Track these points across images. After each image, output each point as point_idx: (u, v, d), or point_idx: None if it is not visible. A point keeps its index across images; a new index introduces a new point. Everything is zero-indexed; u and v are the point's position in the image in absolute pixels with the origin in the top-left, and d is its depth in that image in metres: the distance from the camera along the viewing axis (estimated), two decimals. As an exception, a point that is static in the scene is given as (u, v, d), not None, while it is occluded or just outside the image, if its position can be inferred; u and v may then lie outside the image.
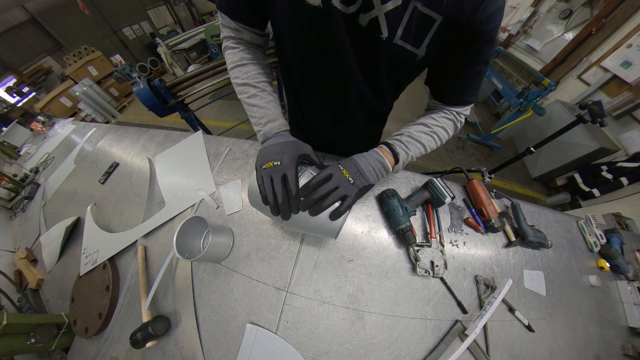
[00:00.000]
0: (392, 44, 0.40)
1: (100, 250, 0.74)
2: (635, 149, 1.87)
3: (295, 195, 0.41)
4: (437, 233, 0.64)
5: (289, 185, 0.41)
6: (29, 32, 4.40)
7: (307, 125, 0.79)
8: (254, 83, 0.51)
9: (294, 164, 0.43)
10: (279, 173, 0.42)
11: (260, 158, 0.45)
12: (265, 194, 0.42)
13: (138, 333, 0.54)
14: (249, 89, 0.51)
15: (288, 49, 0.51)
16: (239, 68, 0.52)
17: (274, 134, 0.50)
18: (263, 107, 0.51)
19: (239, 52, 0.52)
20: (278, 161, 0.42)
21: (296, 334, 0.53)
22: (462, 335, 0.53)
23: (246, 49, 0.53)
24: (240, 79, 0.51)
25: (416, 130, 0.52)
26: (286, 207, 0.41)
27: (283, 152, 0.44)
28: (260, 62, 0.54)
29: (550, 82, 2.09)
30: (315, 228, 0.47)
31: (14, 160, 1.54)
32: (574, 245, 0.73)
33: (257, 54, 0.55)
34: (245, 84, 0.51)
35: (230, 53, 0.52)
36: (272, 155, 0.44)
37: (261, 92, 0.51)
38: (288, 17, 0.44)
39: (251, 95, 0.51)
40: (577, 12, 2.54)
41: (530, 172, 2.50)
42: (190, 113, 1.73)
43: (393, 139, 0.53)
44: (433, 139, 0.52)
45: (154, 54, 4.74)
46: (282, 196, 0.41)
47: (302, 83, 0.59)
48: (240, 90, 0.52)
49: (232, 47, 0.52)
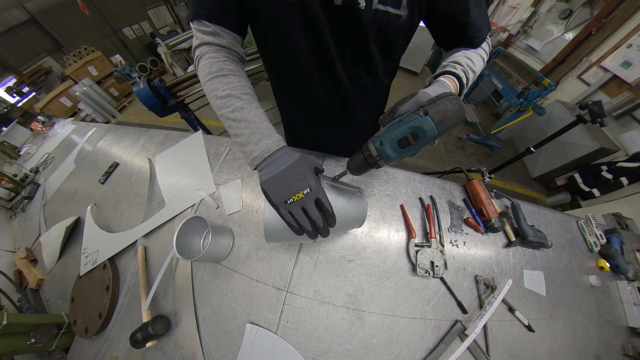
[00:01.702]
0: (373, 10, 0.40)
1: (100, 250, 0.73)
2: (635, 149, 1.87)
3: (332, 213, 0.38)
4: (437, 233, 0.64)
5: (325, 207, 0.38)
6: (29, 32, 4.40)
7: (303, 126, 0.78)
8: (238, 94, 0.44)
9: (320, 184, 0.39)
10: (311, 199, 0.37)
11: (276, 191, 0.38)
12: (299, 226, 0.38)
13: (138, 333, 0.54)
14: (232, 101, 0.43)
15: (274, 48, 0.50)
16: (220, 79, 0.44)
17: (274, 152, 0.41)
18: (253, 121, 0.43)
19: (218, 62, 0.45)
20: (307, 188, 0.37)
21: (296, 334, 0.53)
22: (462, 335, 0.53)
23: (227, 60, 0.46)
24: (220, 90, 0.43)
25: (464, 57, 0.47)
26: (326, 229, 0.39)
27: (304, 176, 0.39)
28: (243, 76, 0.47)
29: (550, 82, 2.09)
30: (345, 227, 0.50)
31: (14, 160, 1.54)
32: (574, 245, 0.73)
33: (239, 66, 0.48)
34: (227, 96, 0.43)
35: (207, 63, 0.45)
36: (295, 184, 0.38)
37: (248, 104, 0.43)
38: (269, 14, 0.44)
39: (235, 108, 0.43)
40: (577, 12, 2.54)
41: (530, 172, 2.50)
42: (190, 113, 1.73)
43: (450, 67, 0.46)
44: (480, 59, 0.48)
45: (154, 54, 4.74)
46: (322, 221, 0.38)
47: (293, 81, 0.58)
48: (220, 104, 0.44)
49: (210, 56, 0.45)
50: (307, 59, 0.50)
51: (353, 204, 0.49)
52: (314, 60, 0.50)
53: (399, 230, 0.66)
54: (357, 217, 0.51)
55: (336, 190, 0.48)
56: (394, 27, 0.43)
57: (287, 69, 0.56)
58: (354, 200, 0.49)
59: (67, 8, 4.56)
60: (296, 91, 0.63)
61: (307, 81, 0.57)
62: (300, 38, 0.46)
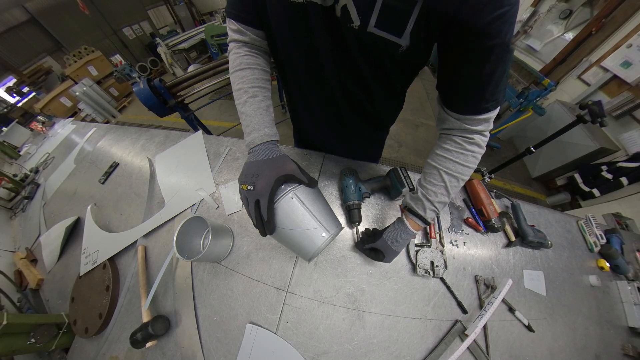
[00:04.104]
0: (367, 32, 0.37)
1: (100, 250, 0.73)
2: (635, 149, 1.87)
3: (267, 221, 0.42)
4: (437, 233, 0.64)
5: (260, 212, 0.42)
6: (29, 32, 4.39)
7: (304, 124, 0.78)
8: (246, 88, 0.49)
9: (267, 191, 0.42)
10: (252, 198, 0.42)
11: (242, 174, 0.45)
12: (246, 208, 0.44)
13: (138, 333, 0.54)
14: (241, 95, 0.49)
15: (280, 48, 0.50)
16: (237, 73, 0.50)
17: (256, 145, 0.46)
18: (250, 114, 0.48)
19: (239, 57, 0.50)
20: (251, 186, 0.42)
21: (296, 334, 0.53)
22: (462, 335, 0.53)
23: (247, 54, 0.50)
24: (236, 84, 0.50)
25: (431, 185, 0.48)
26: (261, 228, 0.43)
27: (258, 175, 0.43)
28: (259, 67, 0.51)
29: (550, 82, 2.09)
30: (290, 246, 0.47)
31: (14, 160, 1.54)
32: (574, 245, 0.73)
33: (259, 58, 0.52)
34: (239, 89, 0.49)
35: (232, 59, 0.51)
36: (248, 178, 0.43)
37: (252, 98, 0.48)
38: (276, 15, 0.43)
39: (242, 102, 0.49)
40: (577, 12, 2.53)
41: (530, 172, 2.49)
42: (190, 113, 1.73)
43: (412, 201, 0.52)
44: (455, 180, 0.47)
45: (154, 54, 4.74)
46: (255, 219, 0.42)
47: (295, 81, 0.58)
48: (235, 95, 0.50)
49: (234, 52, 0.50)
50: (305, 67, 0.51)
51: (305, 236, 0.44)
52: (312, 68, 0.50)
53: (399, 230, 0.66)
54: (304, 247, 0.45)
55: (303, 212, 0.44)
56: (391, 54, 0.39)
57: (291, 72, 0.56)
58: (310, 233, 0.44)
59: (67, 8, 4.56)
60: (297, 96, 0.64)
61: (302, 87, 0.58)
62: (301, 44, 0.46)
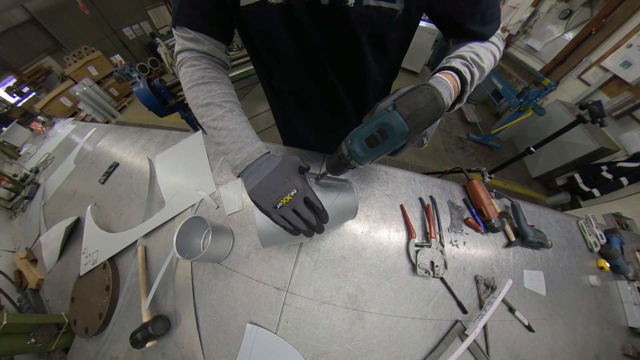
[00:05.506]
0: (364, 7, 0.37)
1: (100, 250, 0.73)
2: (635, 149, 1.87)
3: (323, 209, 0.39)
4: (437, 233, 0.64)
5: (315, 204, 0.38)
6: (29, 32, 4.40)
7: (297, 127, 0.77)
8: (219, 102, 0.43)
9: (306, 183, 0.40)
10: (300, 199, 0.38)
11: (264, 198, 0.38)
12: (294, 227, 0.38)
13: (138, 333, 0.54)
14: (213, 109, 0.43)
15: (263, 53, 0.49)
16: (200, 87, 0.43)
17: (256, 159, 0.41)
18: (234, 129, 0.42)
19: (199, 69, 0.44)
20: (293, 190, 0.38)
21: (296, 334, 0.53)
22: (462, 335, 0.53)
23: (208, 67, 0.45)
24: (201, 99, 0.43)
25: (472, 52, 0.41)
26: (320, 225, 0.39)
27: (289, 178, 0.39)
28: (225, 83, 0.46)
29: (550, 82, 2.09)
30: (339, 221, 0.50)
31: (14, 160, 1.54)
32: (574, 245, 0.73)
33: (221, 73, 0.47)
34: (208, 104, 0.43)
35: (188, 71, 0.44)
36: (281, 188, 0.38)
37: (229, 112, 0.43)
38: (254, 19, 0.42)
39: (217, 117, 0.42)
40: (577, 12, 2.54)
41: (530, 172, 2.50)
42: (190, 113, 1.73)
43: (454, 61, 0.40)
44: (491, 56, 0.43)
45: (154, 54, 4.75)
46: (314, 218, 0.38)
47: (283, 85, 0.58)
48: (202, 112, 0.43)
49: (190, 64, 0.44)
50: (295, 63, 0.49)
51: (343, 197, 0.49)
52: (303, 65, 0.49)
53: (399, 230, 0.66)
54: (348, 209, 0.51)
55: (324, 186, 0.48)
56: (388, 23, 0.40)
57: (278, 73, 0.55)
58: (343, 194, 0.49)
59: (67, 8, 4.57)
60: (288, 94, 0.62)
61: (297, 85, 0.57)
62: (287, 42, 0.45)
